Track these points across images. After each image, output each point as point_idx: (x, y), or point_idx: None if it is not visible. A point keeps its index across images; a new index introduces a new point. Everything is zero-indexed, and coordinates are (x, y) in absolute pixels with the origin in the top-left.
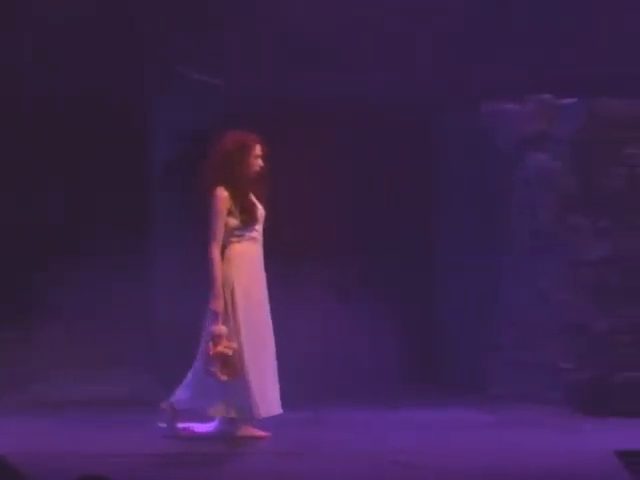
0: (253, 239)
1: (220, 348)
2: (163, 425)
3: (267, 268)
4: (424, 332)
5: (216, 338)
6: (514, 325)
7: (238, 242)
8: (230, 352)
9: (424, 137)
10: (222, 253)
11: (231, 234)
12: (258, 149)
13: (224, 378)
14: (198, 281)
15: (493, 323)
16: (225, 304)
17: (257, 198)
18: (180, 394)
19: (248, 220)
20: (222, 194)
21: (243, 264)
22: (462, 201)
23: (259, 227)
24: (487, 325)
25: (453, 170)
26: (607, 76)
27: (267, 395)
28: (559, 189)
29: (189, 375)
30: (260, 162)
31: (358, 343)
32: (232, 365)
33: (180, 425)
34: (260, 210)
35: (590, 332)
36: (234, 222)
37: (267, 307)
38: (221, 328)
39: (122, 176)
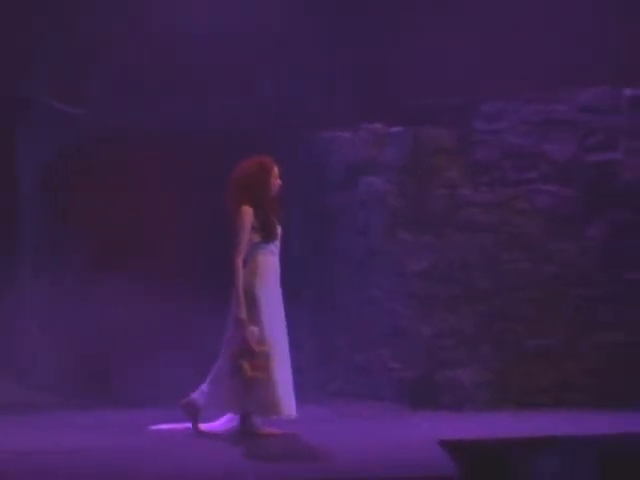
0: (273, 253)
1: (259, 347)
2: (156, 428)
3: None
4: None
5: (255, 337)
6: (351, 330)
7: (261, 254)
8: (266, 349)
9: None
10: (246, 264)
11: (254, 248)
12: (276, 170)
13: (255, 374)
14: (67, 310)
15: (333, 329)
16: (249, 311)
17: (276, 218)
18: (201, 391)
19: (269, 237)
20: (248, 211)
21: (266, 273)
22: (304, 220)
23: (277, 243)
24: (328, 330)
25: (294, 192)
26: (430, 107)
27: (287, 397)
28: (389, 209)
29: (211, 375)
30: (279, 182)
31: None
32: (262, 364)
33: (196, 424)
34: (279, 228)
35: (416, 336)
36: (257, 238)
37: (283, 315)
38: (255, 329)
39: None
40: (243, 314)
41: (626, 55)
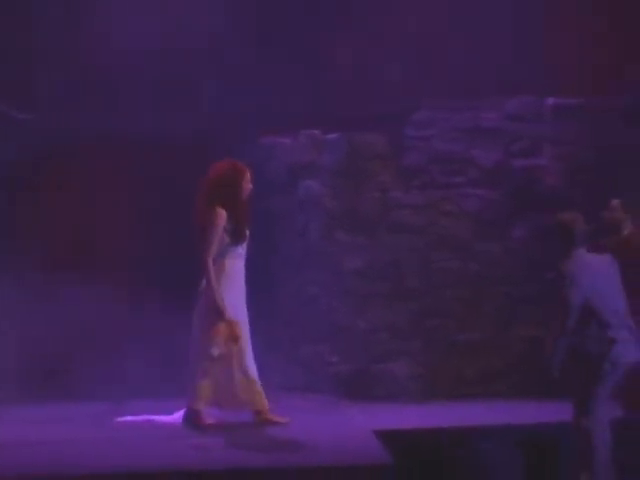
0: (240, 256)
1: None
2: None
3: None
4: None
5: (235, 325)
6: (291, 326)
7: (227, 259)
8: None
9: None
10: (213, 264)
11: (223, 250)
12: (249, 174)
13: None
14: (26, 309)
15: (274, 326)
16: (212, 313)
17: (245, 221)
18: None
19: (238, 239)
20: (222, 212)
21: (230, 277)
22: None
23: (244, 246)
24: (270, 327)
25: None
26: (365, 115)
27: (246, 393)
28: (325, 211)
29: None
30: (250, 186)
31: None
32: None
33: (144, 417)
34: (247, 231)
35: (351, 331)
36: (226, 239)
37: (247, 318)
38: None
39: None
40: (220, 300)
41: (550, 66)
